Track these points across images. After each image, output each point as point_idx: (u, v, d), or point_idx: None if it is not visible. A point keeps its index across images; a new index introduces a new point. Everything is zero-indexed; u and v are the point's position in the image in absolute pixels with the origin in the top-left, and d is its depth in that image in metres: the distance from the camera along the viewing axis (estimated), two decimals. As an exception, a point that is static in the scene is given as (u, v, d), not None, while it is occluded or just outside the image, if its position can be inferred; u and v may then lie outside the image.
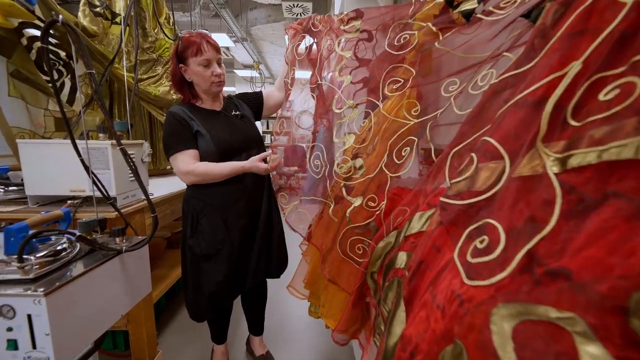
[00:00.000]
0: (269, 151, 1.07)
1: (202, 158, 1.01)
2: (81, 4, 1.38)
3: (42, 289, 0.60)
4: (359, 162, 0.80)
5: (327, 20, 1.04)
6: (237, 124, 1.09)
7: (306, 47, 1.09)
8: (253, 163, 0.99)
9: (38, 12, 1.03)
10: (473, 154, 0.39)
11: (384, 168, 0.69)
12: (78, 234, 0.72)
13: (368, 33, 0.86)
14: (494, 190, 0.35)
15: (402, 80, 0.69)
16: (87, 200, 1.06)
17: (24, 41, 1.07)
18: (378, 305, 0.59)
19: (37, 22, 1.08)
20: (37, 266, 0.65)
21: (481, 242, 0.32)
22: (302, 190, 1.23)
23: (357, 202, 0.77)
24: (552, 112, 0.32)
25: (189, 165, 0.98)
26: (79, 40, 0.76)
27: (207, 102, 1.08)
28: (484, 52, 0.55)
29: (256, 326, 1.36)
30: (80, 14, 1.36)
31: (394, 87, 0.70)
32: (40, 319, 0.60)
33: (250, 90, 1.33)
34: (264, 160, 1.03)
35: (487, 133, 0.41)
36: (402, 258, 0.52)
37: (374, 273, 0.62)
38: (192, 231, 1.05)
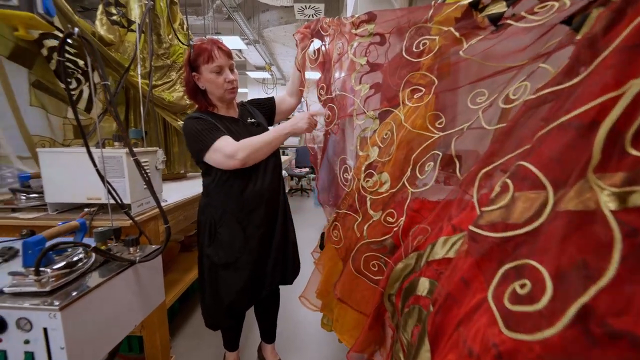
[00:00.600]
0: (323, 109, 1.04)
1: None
2: (98, 12, 1.41)
3: (57, 303, 0.60)
4: (384, 176, 0.76)
5: (337, 24, 1.00)
6: (255, 133, 1.07)
7: (315, 51, 1.06)
8: (304, 120, 0.97)
9: (57, 22, 1.05)
10: (508, 180, 0.36)
11: (406, 183, 0.66)
12: (93, 245, 0.72)
13: (381, 36, 0.82)
14: (534, 225, 0.31)
15: (424, 90, 0.65)
16: (103, 208, 1.08)
17: (44, 52, 1.10)
18: (396, 330, 0.56)
19: (56, 32, 1.11)
20: (53, 278, 0.65)
21: (522, 286, 0.28)
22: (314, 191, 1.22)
23: (376, 216, 0.74)
24: (607, 138, 0.28)
25: (233, 145, 0.94)
26: (94, 52, 0.76)
27: (222, 110, 1.07)
28: (514, 62, 0.51)
29: (268, 334, 1.35)
30: (97, 22, 1.39)
31: (415, 97, 0.66)
32: (56, 333, 0.60)
33: (262, 92, 1.33)
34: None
35: (523, 156, 0.37)
36: (424, 284, 0.48)
37: (392, 295, 0.59)
38: (210, 240, 1.04)
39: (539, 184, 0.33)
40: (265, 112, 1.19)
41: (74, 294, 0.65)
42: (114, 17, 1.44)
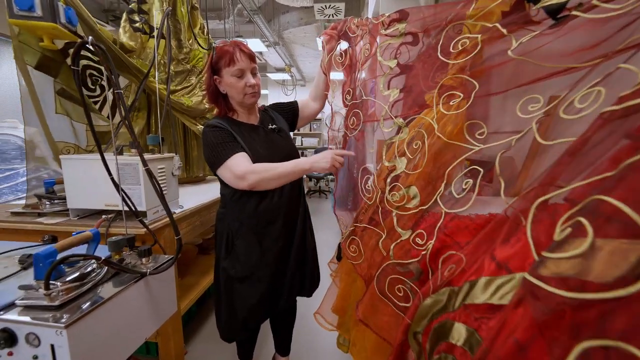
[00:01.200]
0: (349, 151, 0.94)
1: None
2: (122, 20, 1.44)
3: (64, 320, 0.58)
4: (413, 190, 0.69)
5: (365, 24, 0.93)
6: (276, 140, 1.02)
7: (341, 53, 0.99)
8: (327, 159, 0.84)
9: (80, 31, 1.07)
10: (584, 220, 0.27)
11: (439, 201, 0.57)
12: (103, 258, 0.71)
13: (413, 36, 0.74)
14: (631, 290, 0.22)
15: (461, 95, 0.56)
16: (120, 214, 1.08)
17: (69, 61, 1.13)
18: (423, 375, 0.48)
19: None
20: (63, 292, 0.64)
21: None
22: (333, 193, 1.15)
23: (405, 235, 0.67)
24: None
25: (245, 165, 0.88)
26: (107, 60, 0.75)
27: (243, 116, 1.02)
28: (577, 63, 0.41)
29: (283, 346, 1.31)
30: (120, 30, 1.42)
31: (451, 103, 0.58)
32: (62, 350, 0.59)
33: (282, 93, 1.28)
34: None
35: (602, 186, 0.28)
36: (459, 331, 0.40)
37: (418, 334, 0.51)
38: (226, 252, 1.01)
39: (634, 230, 0.24)
40: (287, 117, 1.14)
41: (84, 307, 0.64)
42: (137, 24, 1.46)
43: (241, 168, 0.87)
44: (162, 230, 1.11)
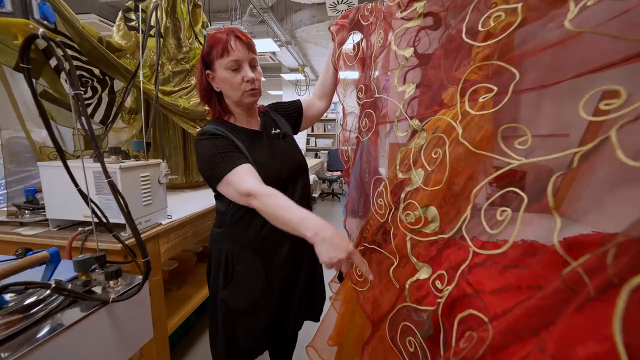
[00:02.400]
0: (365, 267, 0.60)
1: None
2: (117, 19, 1.38)
3: (3, 358, 0.49)
4: (431, 211, 0.54)
5: (379, 9, 0.78)
6: (282, 148, 0.87)
7: (354, 45, 0.85)
8: (341, 246, 0.56)
9: (62, 28, 1.00)
10: None
11: (464, 233, 0.42)
12: (53, 285, 0.61)
13: (434, 17, 0.58)
14: None
15: (495, 89, 0.40)
16: (100, 226, 1.00)
17: (53, 61, 1.06)
18: None
19: (66, 40, 1.06)
20: (2, 326, 0.55)
21: None
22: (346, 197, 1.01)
23: (424, 274, 0.52)
24: None
25: (251, 182, 0.70)
26: (64, 57, 0.66)
27: (242, 119, 0.86)
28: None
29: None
30: (115, 28, 1.35)
31: (481, 100, 0.42)
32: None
33: (296, 94, 1.14)
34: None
35: None
36: None
37: None
38: (225, 280, 0.86)
39: None
40: (290, 118, 0.99)
41: (31, 342, 0.54)
42: (133, 23, 1.39)
43: (244, 185, 0.70)
44: (145, 243, 1.01)
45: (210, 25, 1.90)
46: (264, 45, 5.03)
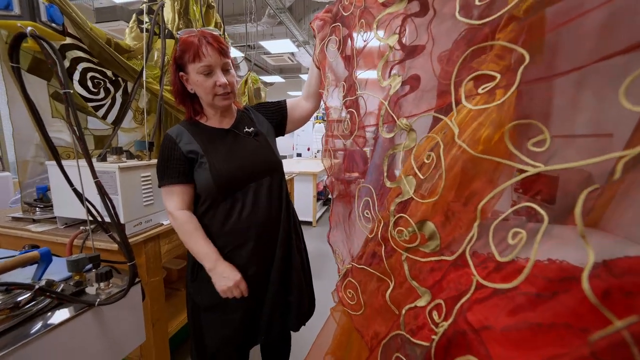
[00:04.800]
0: None
1: (201, 193, 0.83)
2: (131, 21, 1.41)
3: None
4: (428, 227, 0.46)
5: None
6: (248, 146, 0.86)
7: (337, 42, 0.79)
8: (226, 282, 0.79)
9: (72, 30, 1.02)
10: None
11: (468, 257, 0.35)
12: (37, 286, 0.60)
13: (420, 1, 0.50)
14: None
15: (498, 77, 0.32)
16: (102, 225, 1.01)
17: (66, 63, 1.09)
18: None
19: (76, 42, 1.09)
20: (-14, 326, 0.55)
21: None
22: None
23: (422, 301, 0.45)
24: None
25: (173, 204, 0.82)
26: (50, 56, 0.65)
27: (214, 119, 0.87)
28: None
29: (276, 382, 1.13)
30: (127, 30, 1.39)
31: (481, 91, 0.34)
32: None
33: None
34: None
35: None
36: None
37: None
38: (192, 275, 0.88)
39: None
40: (272, 118, 0.96)
41: (11, 342, 0.54)
42: (145, 25, 1.41)
43: (167, 205, 0.83)
44: (144, 244, 1.01)
45: (222, 25, 1.91)
46: (282, 46, 5.02)
